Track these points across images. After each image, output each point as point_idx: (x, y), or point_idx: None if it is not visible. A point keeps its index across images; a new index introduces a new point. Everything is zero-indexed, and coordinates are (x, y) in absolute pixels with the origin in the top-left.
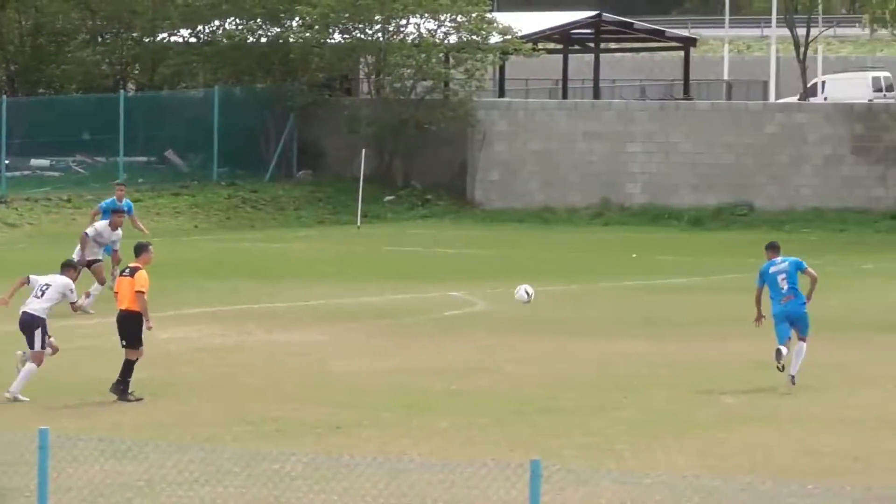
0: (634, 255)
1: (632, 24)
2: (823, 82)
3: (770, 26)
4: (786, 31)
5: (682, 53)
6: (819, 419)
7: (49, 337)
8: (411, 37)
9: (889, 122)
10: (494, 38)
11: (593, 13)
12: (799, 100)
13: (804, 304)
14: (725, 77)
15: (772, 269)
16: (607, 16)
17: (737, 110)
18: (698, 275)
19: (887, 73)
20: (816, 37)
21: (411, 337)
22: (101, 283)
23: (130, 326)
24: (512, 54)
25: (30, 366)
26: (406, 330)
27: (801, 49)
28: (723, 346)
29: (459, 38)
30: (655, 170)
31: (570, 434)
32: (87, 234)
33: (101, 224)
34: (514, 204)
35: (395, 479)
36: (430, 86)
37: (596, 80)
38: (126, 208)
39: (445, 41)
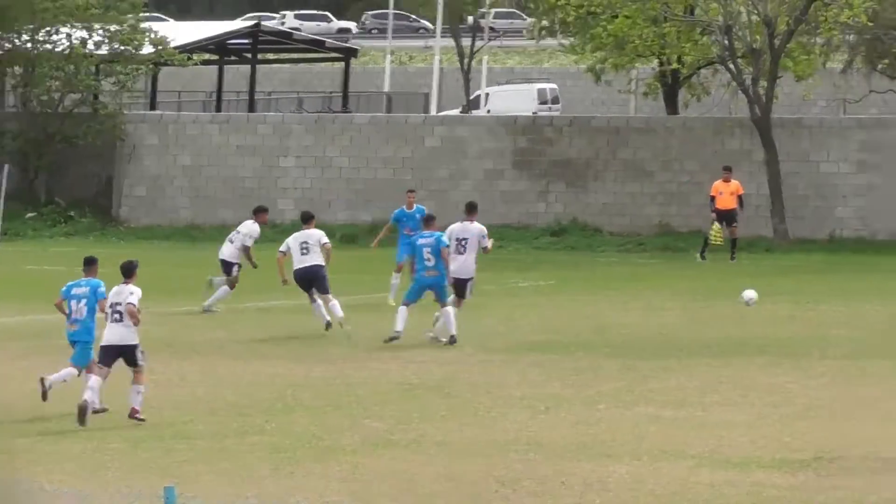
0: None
1: (291, 34)
2: (487, 94)
3: (434, 37)
4: (450, 42)
5: (342, 64)
6: (467, 444)
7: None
8: (61, 46)
9: (553, 136)
10: (147, 49)
11: (251, 23)
12: (461, 112)
13: (444, 277)
14: (386, 89)
15: (419, 241)
16: (266, 25)
17: (396, 123)
18: (350, 293)
19: (553, 85)
20: (481, 47)
21: (54, 359)
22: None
23: None
24: (166, 65)
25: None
26: (48, 351)
27: (466, 60)
28: (369, 367)
29: (112, 48)
30: (309, 185)
31: (209, 459)
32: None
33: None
34: (161, 221)
35: None
36: (79, 98)
37: (252, 92)
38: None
39: (97, 51)
